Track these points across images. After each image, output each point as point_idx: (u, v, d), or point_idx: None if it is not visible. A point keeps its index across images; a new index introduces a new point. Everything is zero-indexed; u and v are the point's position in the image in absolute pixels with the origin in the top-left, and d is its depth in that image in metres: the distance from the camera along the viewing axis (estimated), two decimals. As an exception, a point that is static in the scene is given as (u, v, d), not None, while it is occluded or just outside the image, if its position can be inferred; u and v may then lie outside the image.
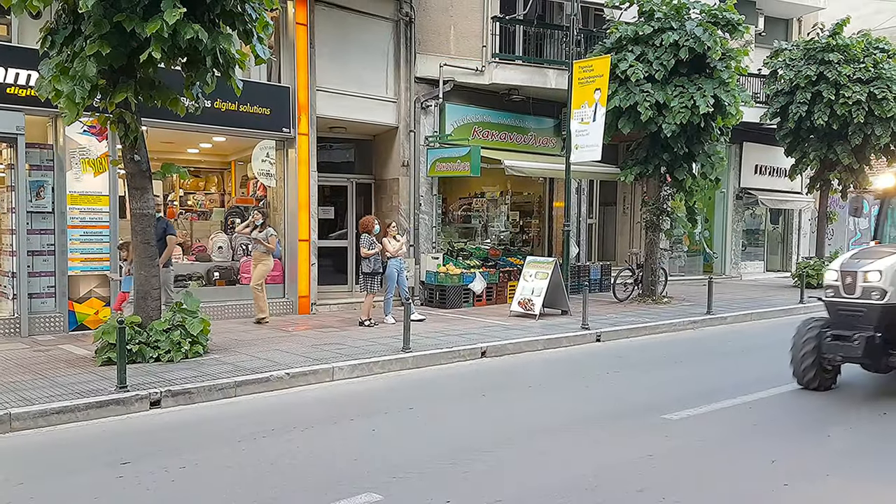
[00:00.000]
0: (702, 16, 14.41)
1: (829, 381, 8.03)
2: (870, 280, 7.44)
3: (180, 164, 10.99)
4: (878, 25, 25.13)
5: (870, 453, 5.99)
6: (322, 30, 13.42)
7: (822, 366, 7.84)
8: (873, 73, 17.36)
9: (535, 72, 15.85)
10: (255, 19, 8.47)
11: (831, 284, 7.83)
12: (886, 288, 7.37)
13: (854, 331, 7.48)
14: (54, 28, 8.13)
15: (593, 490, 5.06)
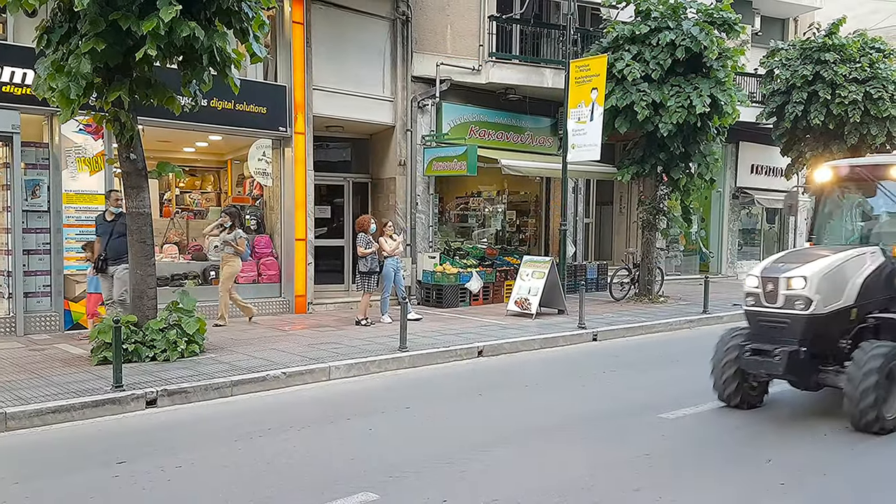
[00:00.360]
0: (698, 15, 14.42)
1: (755, 398, 7.26)
2: (793, 287, 6.59)
3: (176, 162, 10.96)
4: (874, 25, 25.18)
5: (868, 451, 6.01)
6: (319, 29, 13.40)
7: (746, 381, 7.11)
8: (869, 73, 17.39)
9: (531, 71, 15.85)
10: (252, 18, 8.46)
11: (752, 292, 6.98)
12: (811, 296, 6.51)
13: (776, 344, 6.64)
14: (50, 26, 8.11)
15: (590, 489, 5.06)
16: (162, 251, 12.43)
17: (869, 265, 6.90)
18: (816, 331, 6.60)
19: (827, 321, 6.61)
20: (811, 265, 6.68)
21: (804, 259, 6.88)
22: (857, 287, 6.75)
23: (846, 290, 6.72)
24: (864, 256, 6.95)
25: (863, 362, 6.23)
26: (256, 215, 13.90)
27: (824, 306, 6.56)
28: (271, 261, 13.35)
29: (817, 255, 6.94)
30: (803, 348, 6.55)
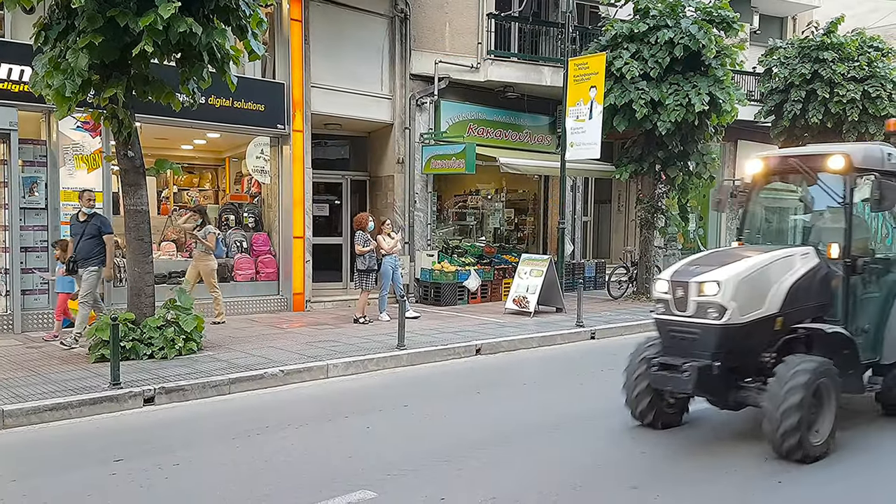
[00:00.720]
0: (697, 13, 14.42)
1: (672, 417, 6.53)
2: (705, 293, 5.81)
3: (174, 160, 10.99)
4: (872, 24, 25.19)
5: (863, 451, 6.01)
6: (317, 26, 13.38)
7: (661, 397, 6.41)
8: (867, 72, 17.39)
9: (530, 69, 15.83)
10: (250, 15, 8.45)
11: (661, 298, 6.19)
12: (726, 304, 5.72)
13: (687, 358, 5.88)
14: (48, 23, 8.10)
15: (588, 487, 5.06)
16: (160, 249, 12.40)
17: (799, 268, 6.13)
18: (733, 343, 5.82)
19: (746, 332, 5.82)
20: (727, 268, 5.92)
21: (721, 261, 6.14)
22: (783, 293, 5.96)
23: (769, 296, 5.92)
24: (794, 258, 6.20)
25: (786, 378, 5.46)
26: (254, 213, 13.89)
27: (742, 315, 5.77)
28: (269, 258, 13.34)
29: (738, 256, 6.22)
30: (717, 363, 5.76)
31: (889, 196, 5.99)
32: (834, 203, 6.52)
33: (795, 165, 6.84)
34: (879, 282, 6.70)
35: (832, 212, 6.69)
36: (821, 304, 6.26)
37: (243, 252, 13.20)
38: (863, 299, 6.54)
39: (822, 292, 6.26)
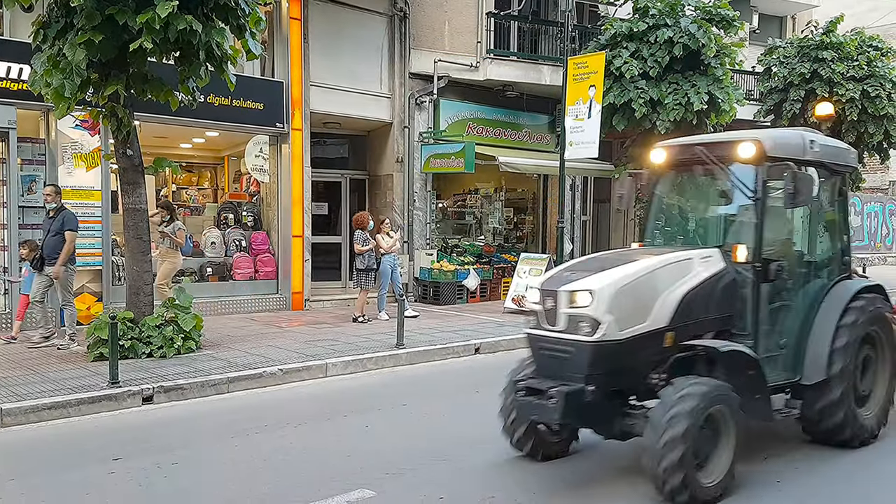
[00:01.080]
0: (696, 12, 14.42)
1: (556, 447, 5.62)
2: (577, 304, 4.92)
3: (173, 159, 10.96)
4: (871, 23, 25.21)
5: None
6: (316, 25, 13.37)
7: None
8: (867, 71, 17.38)
9: (529, 68, 15.82)
10: (249, 14, 8.44)
11: (533, 309, 5.33)
12: (600, 317, 4.83)
13: (557, 381, 4.97)
14: (47, 21, 8.09)
15: (586, 485, 5.06)
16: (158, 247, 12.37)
17: (696, 274, 5.27)
18: (611, 363, 4.92)
19: (627, 350, 4.93)
20: (604, 275, 5.04)
21: (599, 266, 5.25)
22: (674, 304, 5.10)
23: (655, 307, 5.05)
24: (691, 262, 5.32)
25: (669, 404, 4.58)
26: (253, 212, 13.88)
27: (620, 330, 4.87)
28: (268, 257, 13.33)
29: (623, 260, 5.31)
30: (591, 386, 4.84)
31: (804, 190, 5.16)
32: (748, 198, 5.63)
33: (701, 155, 5.84)
34: (802, 289, 5.93)
35: (751, 208, 5.66)
36: (726, 315, 5.42)
37: (242, 251, 13.19)
38: (779, 310, 5.72)
39: (727, 302, 5.40)
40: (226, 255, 13.09)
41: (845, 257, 6.36)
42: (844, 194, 6.50)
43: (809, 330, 5.79)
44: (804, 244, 6.24)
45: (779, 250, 5.77)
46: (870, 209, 28.75)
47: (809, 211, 6.08)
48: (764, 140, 5.49)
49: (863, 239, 28.51)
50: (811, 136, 5.87)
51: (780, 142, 5.66)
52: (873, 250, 28.79)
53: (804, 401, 5.75)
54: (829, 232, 6.36)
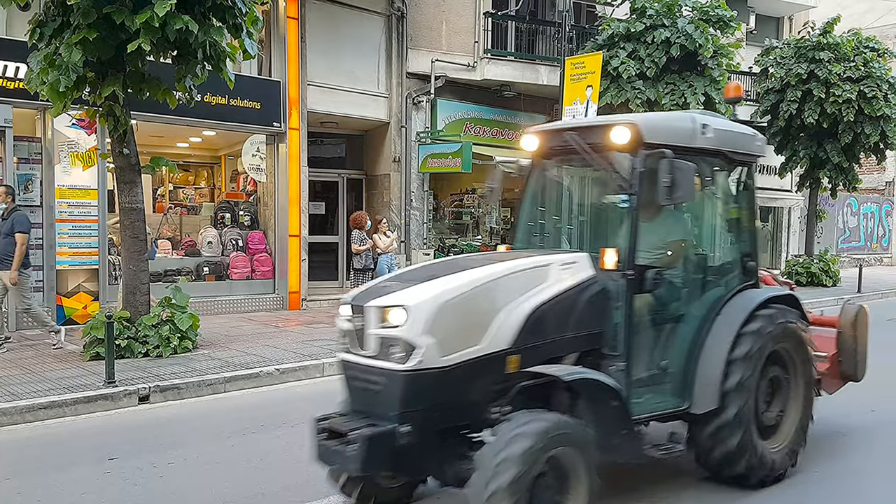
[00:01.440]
0: (693, 13, 14.45)
1: (393, 495, 4.55)
2: (388, 323, 3.95)
3: (170, 158, 10.92)
4: (868, 24, 25.26)
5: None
6: (313, 24, 13.36)
7: None
8: (863, 72, 17.43)
9: (526, 68, 15.84)
10: (245, 13, 8.43)
11: (345, 329, 4.28)
12: (415, 339, 3.86)
13: (369, 419, 4.02)
14: (43, 20, 8.07)
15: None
16: (155, 247, 12.37)
17: (552, 283, 4.37)
18: (434, 396, 3.95)
19: (455, 379, 3.98)
20: (424, 287, 4.09)
21: (428, 275, 4.30)
22: (520, 320, 4.17)
23: (495, 325, 4.10)
24: (546, 270, 4.41)
25: (498, 447, 3.66)
26: (250, 211, 13.86)
27: (444, 354, 3.92)
28: (265, 257, 13.32)
29: (459, 268, 4.38)
30: (405, 426, 3.86)
31: (683, 184, 4.34)
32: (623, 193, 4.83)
33: (573, 142, 4.90)
34: (694, 300, 5.08)
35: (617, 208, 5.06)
36: (594, 333, 4.52)
37: (239, 250, 13.18)
38: (663, 325, 4.90)
39: (595, 317, 4.52)
40: (222, 254, 13.08)
41: (750, 262, 5.34)
42: (750, 188, 5.49)
43: (701, 349, 4.87)
44: (700, 247, 5.49)
45: (665, 255, 4.98)
46: (866, 210, 28.83)
47: (707, 208, 5.45)
48: (640, 123, 4.60)
49: (859, 240, 28.58)
50: (705, 119, 5.00)
51: (660, 125, 4.81)
52: (869, 251, 28.87)
53: (693, 432, 4.88)
54: (732, 232, 5.48)
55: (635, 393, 4.60)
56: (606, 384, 4.25)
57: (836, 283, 19.01)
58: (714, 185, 5.36)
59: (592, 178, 5.74)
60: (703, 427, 4.79)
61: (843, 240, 27.48)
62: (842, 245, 27.19)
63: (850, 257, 25.99)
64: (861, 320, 6.09)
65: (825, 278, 18.88)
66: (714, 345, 4.85)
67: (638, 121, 4.63)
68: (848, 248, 27.44)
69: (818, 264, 19.06)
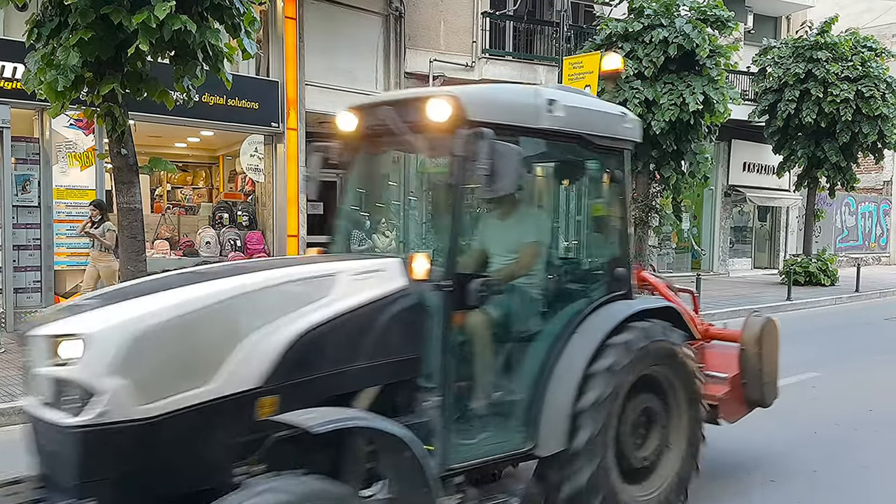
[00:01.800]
0: (691, 13, 14.44)
1: None
2: (60, 359, 2.89)
3: (168, 158, 10.94)
4: (866, 24, 25.30)
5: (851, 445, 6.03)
6: (311, 24, 13.35)
7: None
8: (861, 72, 17.46)
9: (524, 68, 15.84)
10: (243, 13, 8.43)
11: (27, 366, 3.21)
12: (97, 383, 2.80)
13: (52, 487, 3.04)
14: (41, 20, 8.05)
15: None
16: (153, 247, 12.36)
17: (336, 299, 3.42)
18: (133, 458, 2.88)
19: (170, 434, 2.93)
20: (116, 309, 3.03)
21: (137, 291, 3.28)
22: (279, 349, 3.19)
23: (234, 358, 3.09)
24: (330, 281, 3.47)
25: None
26: (248, 211, 13.85)
27: (145, 402, 2.87)
28: (263, 257, 13.31)
29: (182, 282, 3.33)
30: (91, 501, 2.81)
31: (506, 171, 3.39)
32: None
33: (389, 121, 3.95)
34: (545, 316, 4.25)
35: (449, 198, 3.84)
36: (404, 359, 3.58)
37: (237, 251, 13.16)
38: (499, 348, 4.00)
39: (405, 339, 3.57)
40: (221, 254, 13.06)
41: (619, 268, 4.42)
42: (620, 180, 4.48)
43: (548, 379, 3.99)
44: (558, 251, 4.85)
45: (512, 261, 4.21)
46: (864, 209, 28.87)
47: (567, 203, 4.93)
48: (462, 97, 3.62)
49: (857, 239, 28.62)
50: (554, 93, 4.02)
51: (488, 99, 3.89)
52: (867, 250, 28.91)
53: (540, 475, 4.09)
54: (600, 234, 4.69)
55: (457, 435, 3.66)
56: (383, 430, 3.17)
57: (834, 283, 19.03)
58: (572, 176, 4.79)
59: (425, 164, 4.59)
60: (550, 459, 3.96)
61: (841, 239, 27.51)
62: (840, 244, 27.23)
63: (848, 257, 26.04)
64: (768, 335, 5.22)
65: (823, 278, 18.90)
66: (567, 366, 3.98)
67: (460, 93, 3.66)
68: (846, 248, 27.48)
69: (816, 264, 19.08)
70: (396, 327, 3.55)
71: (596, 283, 4.46)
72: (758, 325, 5.20)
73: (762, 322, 5.23)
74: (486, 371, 3.93)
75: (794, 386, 8.13)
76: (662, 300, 4.92)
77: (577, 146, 4.23)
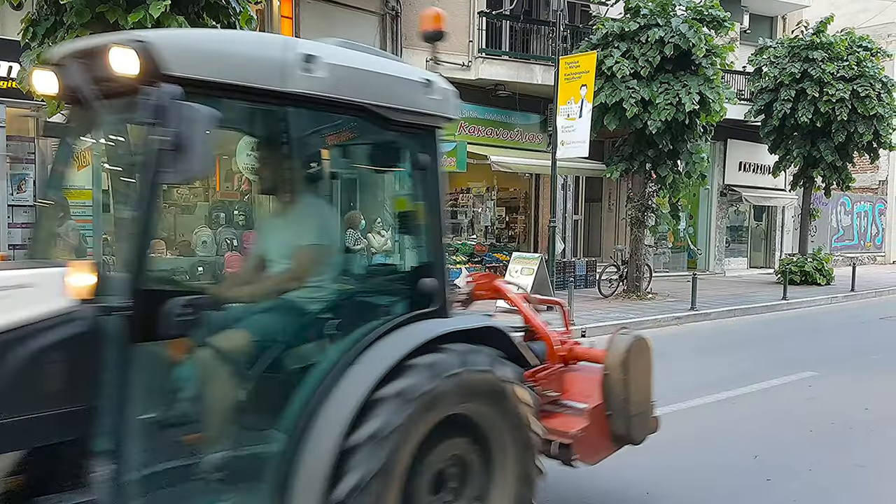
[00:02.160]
0: (687, 12, 14.47)
1: None
2: None
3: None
4: (861, 24, 25.36)
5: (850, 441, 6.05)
6: (308, 24, 13.34)
7: None
8: (856, 71, 17.51)
9: (521, 67, 15.85)
10: (239, 12, 8.42)
11: None
12: None
13: None
14: (36, 19, 8.05)
15: (576, 483, 5.07)
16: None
17: None
18: None
19: None
20: None
21: None
22: None
23: None
24: None
25: None
26: (245, 211, 13.84)
27: None
28: (260, 256, 13.30)
29: None
30: None
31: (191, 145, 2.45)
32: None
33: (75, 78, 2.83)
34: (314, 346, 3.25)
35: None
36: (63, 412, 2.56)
37: (234, 250, 13.14)
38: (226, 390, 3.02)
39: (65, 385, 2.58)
40: (217, 253, 13.04)
41: (428, 279, 3.42)
42: (427, 167, 3.44)
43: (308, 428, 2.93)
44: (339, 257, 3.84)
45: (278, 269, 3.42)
46: (860, 209, 28.94)
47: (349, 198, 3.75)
48: (159, 42, 2.60)
49: (853, 238, 28.68)
50: (315, 47, 2.99)
51: (202, 47, 2.77)
52: (863, 250, 28.98)
53: None
54: (406, 234, 3.74)
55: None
56: None
57: (829, 282, 19.08)
58: (362, 161, 3.95)
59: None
60: None
61: (836, 238, 27.57)
62: (835, 244, 27.29)
63: (843, 256, 26.10)
64: (637, 356, 4.27)
65: (819, 277, 18.95)
66: (339, 397, 2.96)
67: (156, 38, 2.62)
68: (842, 247, 27.54)
69: (812, 263, 19.13)
70: (49, 368, 2.54)
71: (397, 299, 3.47)
72: (624, 344, 4.24)
73: (629, 341, 4.27)
74: (215, 421, 2.94)
75: (790, 385, 8.17)
76: (485, 319, 3.75)
77: (361, 121, 3.24)
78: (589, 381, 4.29)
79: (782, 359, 9.78)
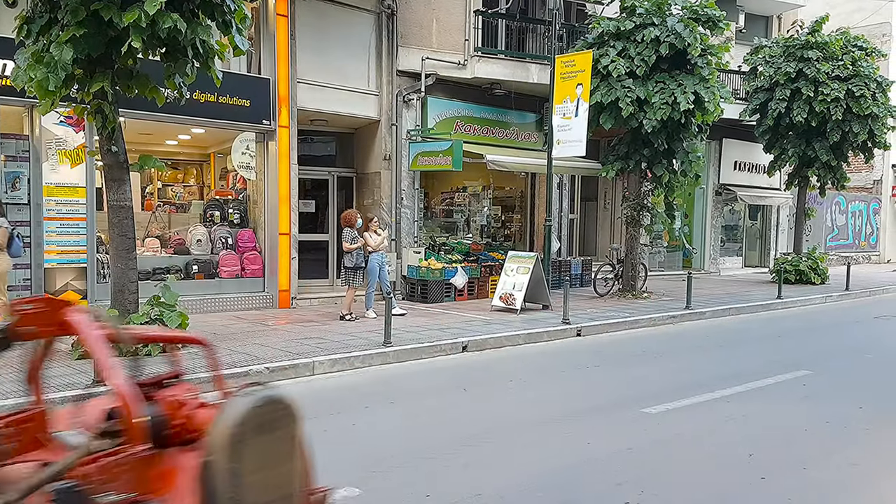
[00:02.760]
0: (683, 12, 14.49)
1: None
2: None
3: (159, 155, 10.90)
4: (856, 23, 25.42)
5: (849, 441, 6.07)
6: (303, 21, 13.32)
7: None
8: (851, 71, 17.56)
9: (517, 66, 15.84)
10: (234, 10, 8.40)
11: None
12: None
13: None
14: (30, 17, 8.02)
15: (573, 483, 5.08)
16: (143, 245, 12.32)
17: None
18: None
19: None
20: None
21: None
22: None
23: None
24: None
25: None
26: (240, 209, 13.82)
27: None
28: (255, 255, 13.27)
29: None
30: None
31: None
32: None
33: None
34: None
35: None
36: None
37: (228, 248, 13.13)
38: None
39: None
40: (212, 252, 13.03)
41: None
42: None
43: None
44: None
45: None
46: (854, 208, 29.02)
47: None
48: None
49: (847, 238, 28.76)
50: None
51: None
52: (858, 249, 29.06)
53: None
54: None
55: None
56: None
57: (824, 281, 19.13)
58: None
59: None
60: None
61: (831, 238, 27.65)
62: (830, 243, 27.36)
63: (838, 255, 26.17)
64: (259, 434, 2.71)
65: (814, 276, 19.00)
66: None
67: None
68: (836, 246, 27.61)
69: (807, 262, 19.17)
70: None
71: None
72: (238, 413, 2.65)
73: (247, 408, 2.68)
74: None
75: (785, 384, 8.19)
76: None
77: None
78: (186, 472, 2.68)
79: (777, 358, 9.81)
